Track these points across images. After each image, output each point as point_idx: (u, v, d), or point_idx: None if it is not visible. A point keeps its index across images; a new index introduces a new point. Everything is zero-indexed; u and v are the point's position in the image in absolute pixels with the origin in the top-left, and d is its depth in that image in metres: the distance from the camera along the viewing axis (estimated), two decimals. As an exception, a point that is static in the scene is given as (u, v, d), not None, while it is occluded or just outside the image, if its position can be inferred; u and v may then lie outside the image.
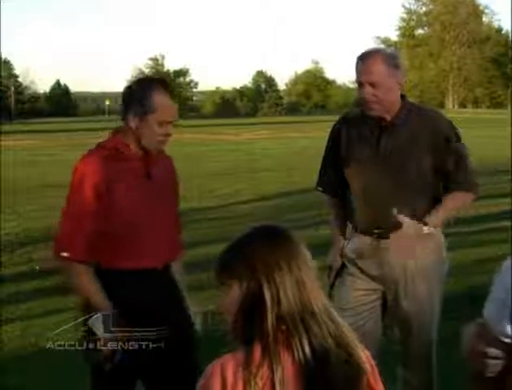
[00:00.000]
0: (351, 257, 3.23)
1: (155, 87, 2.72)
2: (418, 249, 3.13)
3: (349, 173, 3.23)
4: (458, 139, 3.21)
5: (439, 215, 3.14)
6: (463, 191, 3.20)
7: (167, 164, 2.96)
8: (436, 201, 3.17)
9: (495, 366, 1.77)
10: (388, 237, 3.13)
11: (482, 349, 1.77)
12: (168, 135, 2.78)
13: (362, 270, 3.20)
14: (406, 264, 3.13)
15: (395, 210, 3.07)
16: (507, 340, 1.72)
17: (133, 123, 2.72)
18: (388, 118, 3.14)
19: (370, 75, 3.06)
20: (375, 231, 3.13)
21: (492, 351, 1.75)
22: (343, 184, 3.28)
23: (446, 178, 3.17)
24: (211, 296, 3.00)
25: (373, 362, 1.69)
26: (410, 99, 3.36)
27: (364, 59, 3.10)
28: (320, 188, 3.42)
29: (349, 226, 3.29)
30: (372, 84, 3.05)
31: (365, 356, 1.66)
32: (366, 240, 3.18)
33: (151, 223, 2.77)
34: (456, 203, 3.23)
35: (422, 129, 3.12)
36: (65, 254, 2.68)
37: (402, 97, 3.21)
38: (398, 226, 3.11)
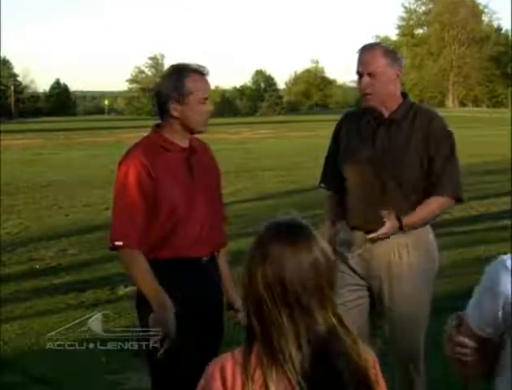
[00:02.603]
0: (341, 251, 3.22)
1: (184, 72, 2.82)
2: (406, 247, 3.14)
3: (346, 168, 3.24)
4: (450, 144, 3.18)
5: (412, 218, 3.09)
6: (442, 196, 3.14)
7: (206, 153, 3.03)
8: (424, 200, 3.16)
9: (463, 354, 1.84)
10: None
11: (457, 339, 1.83)
12: (209, 112, 2.89)
13: (349, 266, 3.21)
14: (392, 262, 3.14)
15: (384, 212, 3.05)
16: (481, 333, 1.79)
17: (176, 111, 2.81)
18: (386, 114, 3.15)
19: (370, 65, 3.09)
20: (367, 226, 3.14)
21: (465, 341, 1.82)
22: (344, 180, 3.28)
23: (430, 180, 3.14)
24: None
25: (376, 362, 1.67)
26: (410, 99, 3.35)
27: (364, 50, 3.14)
28: (323, 185, 3.43)
29: (344, 223, 3.29)
30: (371, 74, 3.09)
31: (368, 354, 1.64)
32: (358, 235, 3.18)
33: (194, 214, 2.84)
34: (432, 208, 3.15)
35: (417, 129, 3.13)
36: (119, 243, 2.76)
37: (405, 95, 3.22)
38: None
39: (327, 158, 3.42)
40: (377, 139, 3.15)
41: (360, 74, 3.12)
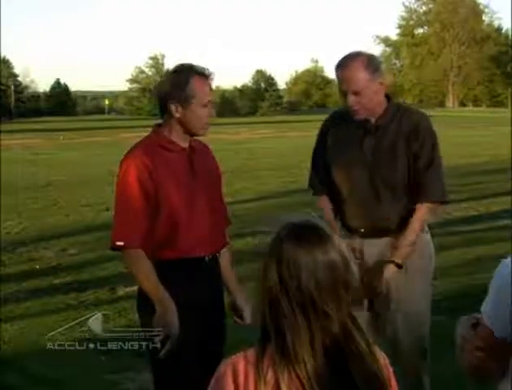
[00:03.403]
0: None
1: (190, 74, 2.79)
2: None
3: (335, 173, 3.25)
4: (432, 143, 3.16)
5: (403, 249, 3.11)
6: (428, 202, 3.15)
7: (206, 154, 3.02)
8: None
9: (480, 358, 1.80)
10: (371, 237, 3.15)
11: (475, 343, 1.80)
12: (210, 116, 2.86)
13: None
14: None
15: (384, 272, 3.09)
16: (500, 336, 1.76)
17: (178, 113, 2.79)
18: (373, 120, 3.15)
19: (352, 83, 3.04)
20: (361, 230, 3.16)
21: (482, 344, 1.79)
22: (333, 182, 3.28)
23: (414, 181, 3.13)
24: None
25: (388, 363, 1.66)
26: (410, 98, 3.37)
27: (344, 67, 3.07)
28: (312, 188, 3.43)
29: (339, 224, 3.30)
30: (356, 93, 3.05)
31: (380, 356, 1.64)
32: (354, 238, 3.18)
33: (196, 214, 2.83)
34: (420, 223, 3.15)
35: (404, 131, 3.13)
36: (120, 243, 2.74)
37: (388, 98, 3.20)
38: (384, 229, 3.13)
39: (314, 160, 3.40)
40: (365, 145, 3.15)
41: (344, 92, 3.07)
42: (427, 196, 3.13)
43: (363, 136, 3.16)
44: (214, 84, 2.90)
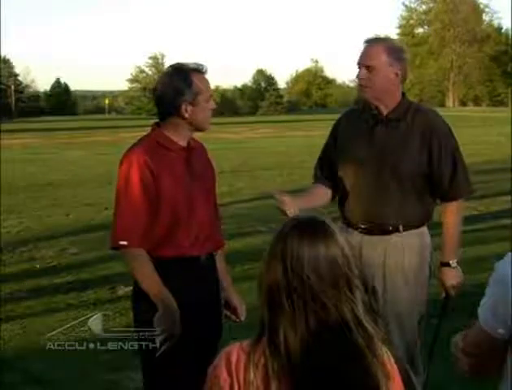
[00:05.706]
0: None
1: (190, 73, 2.81)
2: (401, 247, 3.15)
3: (343, 167, 3.25)
4: (453, 143, 3.21)
5: (454, 248, 3.27)
6: (460, 199, 3.25)
7: (203, 153, 3.03)
8: (423, 202, 3.20)
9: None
10: (371, 234, 3.15)
11: (467, 348, 1.81)
12: (213, 108, 2.90)
13: None
14: (385, 263, 3.15)
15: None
16: (497, 336, 1.76)
17: (187, 112, 2.81)
18: (385, 112, 3.16)
19: (368, 59, 3.11)
20: (361, 226, 3.16)
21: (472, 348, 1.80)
22: (337, 180, 3.29)
23: (441, 182, 3.18)
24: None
25: (391, 358, 1.67)
26: (410, 98, 3.38)
27: (368, 43, 3.16)
28: (314, 177, 3.44)
29: (341, 219, 3.29)
30: (368, 68, 3.10)
31: (386, 355, 1.64)
32: (354, 234, 3.19)
33: (195, 213, 2.84)
34: (459, 220, 3.30)
35: (416, 127, 3.14)
36: (123, 243, 2.73)
37: (403, 94, 3.22)
38: (385, 226, 3.14)
39: (322, 155, 3.42)
40: (375, 137, 3.16)
41: (359, 65, 3.14)
42: (458, 194, 3.23)
43: (374, 128, 3.17)
44: (214, 84, 2.93)
